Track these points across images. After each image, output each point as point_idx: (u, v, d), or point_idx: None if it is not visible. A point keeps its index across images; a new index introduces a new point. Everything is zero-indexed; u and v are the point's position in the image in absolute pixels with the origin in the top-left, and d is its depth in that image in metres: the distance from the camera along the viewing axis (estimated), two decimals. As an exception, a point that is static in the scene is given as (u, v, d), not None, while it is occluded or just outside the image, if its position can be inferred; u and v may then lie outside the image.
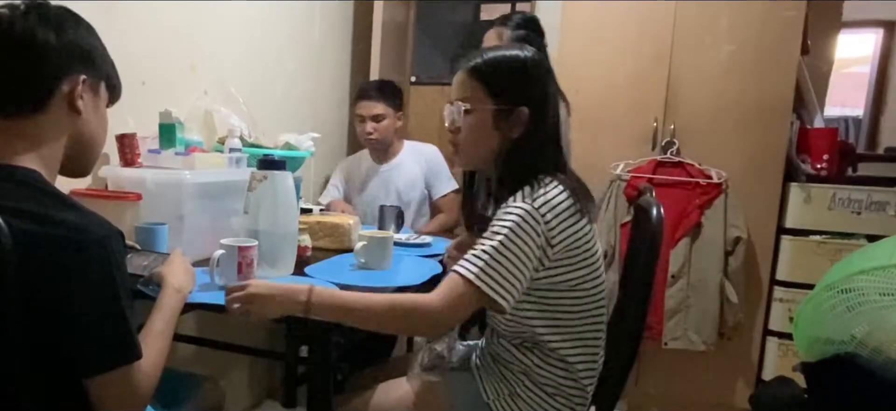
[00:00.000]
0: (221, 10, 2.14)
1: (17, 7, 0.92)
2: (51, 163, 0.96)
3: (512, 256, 1.08)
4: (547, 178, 1.16)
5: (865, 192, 2.30)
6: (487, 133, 1.20)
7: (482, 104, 1.20)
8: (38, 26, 0.91)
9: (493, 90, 1.19)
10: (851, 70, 4.68)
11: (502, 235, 1.09)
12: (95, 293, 0.85)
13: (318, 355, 1.22)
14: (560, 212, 1.12)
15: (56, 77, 0.93)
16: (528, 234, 1.09)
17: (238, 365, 2.42)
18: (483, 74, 1.20)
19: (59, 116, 0.95)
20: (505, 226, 1.10)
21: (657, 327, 2.45)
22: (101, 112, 1.02)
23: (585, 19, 2.57)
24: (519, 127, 1.19)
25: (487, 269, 1.07)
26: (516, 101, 1.18)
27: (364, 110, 2.47)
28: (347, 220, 1.83)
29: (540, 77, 1.21)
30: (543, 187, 1.14)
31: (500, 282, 1.08)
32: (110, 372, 0.87)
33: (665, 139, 2.49)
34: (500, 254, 1.08)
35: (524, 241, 1.09)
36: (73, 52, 0.94)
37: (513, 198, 1.14)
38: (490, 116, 1.19)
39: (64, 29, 0.93)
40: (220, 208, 1.61)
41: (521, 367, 1.24)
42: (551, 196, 1.13)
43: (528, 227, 1.09)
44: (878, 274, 1.43)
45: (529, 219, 1.10)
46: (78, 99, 0.95)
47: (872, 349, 1.42)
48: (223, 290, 1.27)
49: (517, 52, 1.22)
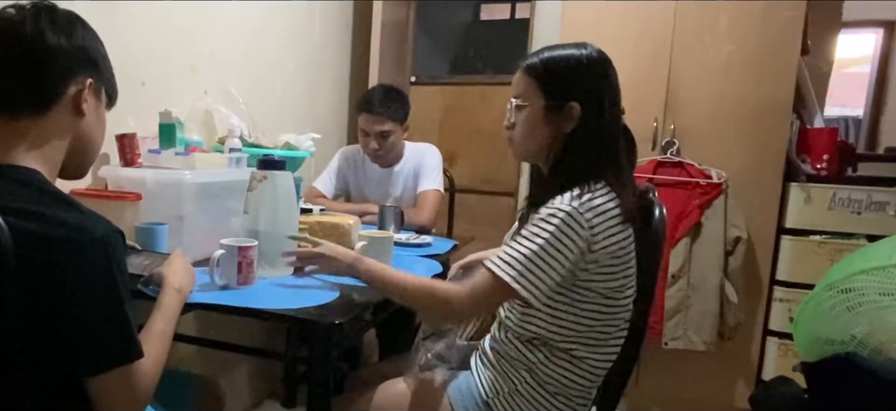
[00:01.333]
0: (221, 10, 2.14)
1: (26, 8, 0.92)
2: (52, 163, 0.96)
3: (550, 258, 1.10)
4: (599, 182, 1.16)
5: (865, 192, 2.30)
6: (539, 127, 1.22)
7: (534, 99, 1.22)
8: (48, 28, 0.92)
9: (544, 85, 1.21)
10: (851, 70, 4.68)
11: (544, 238, 1.10)
12: (96, 293, 0.85)
13: (318, 355, 1.22)
14: (606, 218, 1.12)
15: (64, 79, 0.94)
16: (570, 237, 1.10)
17: (238, 365, 2.41)
18: (536, 71, 1.22)
19: (64, 118, 0.95)
20: (548, 227, 1.10)
21: (657, 327, 2.45)
22: (101, 115, 1.03)
23: (585, 19, 2.57)
24: (570, 122, 1.19)
25: (525, 273, 1.10)
26: (567, 96, 1.19)
27: (368, 126, 2.32)
28: (347, 220, 1.83)
29: (596, 75, 1.21)
30: (591, 191, 1.14)
31: (535, 283, 1.10)
32: (111, 371, 0.87)
33: (665, 139, 2.50)
34: (539, 257, 1.10)
35: (564, 244, 1.10)
36: (81, 56, 0.95)
37: (560, 197, 1.13)
38: (541, 111, 1.21)
39: (73, 32, 0.95)
40: (220, 208, 1.61)
41: (526, 364, 1.24)
42: (598, 201, 1.13)
43: (571, 230, 1.10)
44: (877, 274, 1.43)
45: (573, 222, 1.10)
46: (83, 102, 0.96)
47: (872, 349, 1.42)
48: (223, 290, 1.28)
49: (573, 51, 1.22)
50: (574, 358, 1.22)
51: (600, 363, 1.24)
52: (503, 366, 1.26)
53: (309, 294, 1.33)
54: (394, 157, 2.45)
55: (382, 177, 2.47)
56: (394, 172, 2.46)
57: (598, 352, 1.23)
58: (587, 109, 1.18)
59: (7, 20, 0.91)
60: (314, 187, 2.49)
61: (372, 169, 2.48)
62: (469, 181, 3.27)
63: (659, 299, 2.43)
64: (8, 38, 0.91)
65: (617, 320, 1.22)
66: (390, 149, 2.38)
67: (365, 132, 2.35)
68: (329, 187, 2.50)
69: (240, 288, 1.30)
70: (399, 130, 2.38)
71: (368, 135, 2.34)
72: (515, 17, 3.95)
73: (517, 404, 1.23)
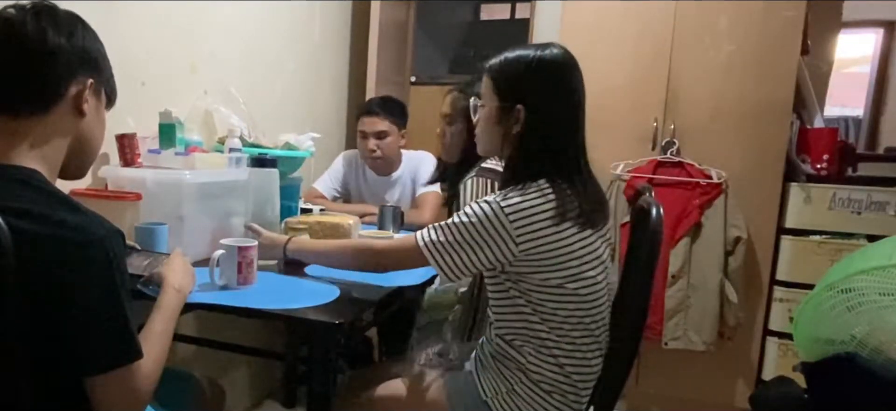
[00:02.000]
0: (221, 10, 2.14)
1: (26, 8, 0.92)
2: (52, 163, 0.96)
3: (465, 242, 1.18)
4: (539, 182, 1.18)
5: (865, 192, 2.30)
6: (492, 128, 1.28)
7: (490, 100, 1.27)
8: (49, 28, 0.91)
9: (497, 87, 1.26)
10: (851, 70, 4.68)
11: (462, 219, 1.19)
12: (95, 293, 0.85)
13: (318, 355, 1.22)
14: (531, 217, 1.15)
15: (65, 79, 0.94)
16: (487, 229, 1.16)
17: (238, 365, 2.41)
18: (493, 72, 1.27)
19: (65, 118, 0.95)
20: (468, 213, 1.19)
21: (657, 327, 2.45)
22: (101, 115, 1.03)
23: (585, 19, 2.57)
24: (517, 125, 1.22)
25: (437, 242, 1.20)
26: (515, 99, 1.22)
27: (367, 126, 2.39)
28: (347, 220, 1.83)
29: (543, 78, 1.22)
30: (523, 191, 1.17)
31: (444, 256, 1.19)
32: (111, 371, 0.87)
33: (665, 139, 2.49)
34: (452, 233, 1.19)
35: (482, 236, 1.17)
36: (82, 56, 0.95)
37: (495, 193, 1.21)
38: (494, 112, 1.26)
39: (74, 32, 0.94)
40: (220, 208, 1.61)
41: (517, 364, 1.24)
42: (527, 203, 1.16)
43: (488, 223, 1.16)
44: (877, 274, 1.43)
45: (492, 217, 1.16)
46: (84, 102, 0.96)
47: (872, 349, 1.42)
48: (223, 290, 1.28)
49: (527, 52, 1.24)
50: (556, 355, 1.22)
51: (573, 364, 1.24)
52: (500, 368, 1.27)
53: (309, 294, 1.34)
54: (391, 164, 2.47)
55: (381, 184, 2.49)
56: (391, 180, 2.49)
57: (568, 350, 1.23)
58: (530, 112, 1.21)
59: (8, 20, 0.91)
60: (314, 188, 2.50)
61: (371, 175, 2.51)
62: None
63: (659, 299, 2.43)
64: (9, 37, 0.91)
65: (575, 319, 1.22)
66: (387, 151, 2.40)
67: (363, 133, 2.40)
68: (329, 189, 2.52)
69: (240, 288, 1.30)
70: (396, 134, 2.41)
71: (366, 136, 2.39)
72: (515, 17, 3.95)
73: (515, 404, 1.23)
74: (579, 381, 1.25)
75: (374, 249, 1.36)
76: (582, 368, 1.25)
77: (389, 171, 2.49)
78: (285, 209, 1.86)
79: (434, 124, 1.99)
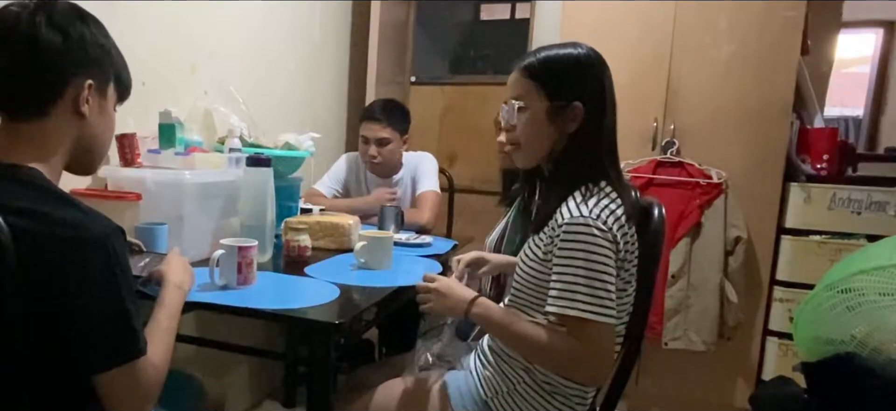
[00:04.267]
0: (221, 10, 2.14)
1: (26, 6, 0.90)
2: (54, 163, 0.95)
3: (599, 275, 1.08)
4: (601, 185, 1.16)
5: (865, 192, 2.30)
6: (543, 128, 1.20)
7: (536, 101, 1.20)
8: (43, 27, 0.89)
9: (546, 86, 1.19)
10: (851, 70, 4.68)
11: (580, 259, 1.08)
12: (98, 290, 0.85)
13: (318, 355, 1.22)
14: (618, 217, 1.12)
15: (60, 81, 0.92)
16: (599, 244, 1.08)
17: (238, 365, 2.41)
18: (536, 72, 1.21)
19: (64, 120, 0.94)
20: (577, 248, 1.08)
21: (657, 327, 2.45)
22: (107, 113, 1.01)
23: (585, 19, 2.57)
24: (574, 122, 1.18)
25: (600, 302, 1.07)
26: (570, 96, 1.18)
27: (369, 132, 2.38)
28: (347, 220, 1.83)
29: (595, 73, 1.21)
30: (598, 194, 1.14)
31: (607, 307, 1.08)
32: (118, 368, 0.87)
33: (665, 139, 2.49)
34: (599, 280, 1.08)
35: (600, 254, 1.08)
36: (80, 55, 0.93)
37: (566, 207, 1.12)
38: (544, 112, 1.19)
39: (70, 30, 0.92)
40: (220, 208, 1.61)
41: (523, 364, 1.24)
42: (609, 203, 1.12)
43: (598, 239, 1.08)
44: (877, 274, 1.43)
45: (596, 231, 1.08)
46: (83, 104, 0.94)
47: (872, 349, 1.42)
48: (223, 290, 1.28)
49: (570, 50, 1.22)
50: None
51: None
52: (501, 366, 1.26)
53: (309, 294, 1.34)
54: (392, 167, 2.48)
55: (381, 186, 2.49)
56: (392, 182, 2.49)
57: None
58: (591, 108, 1.18)
59: (4, 19, 0.90)
60: (314, 188, 2.50)
61: (371, 177, 2.51)
62: (469, 181, 3.27)
63: (659, 299, 2.43)
64: (3, 38, 0.90)
65: (620, 317, 1.21)
66: (388, 158, 2.40)
67: (365, 138, 2.40)
68: (329, 189, 2.52)
69: (240, 288, 1.30)
70: (398, 140, 2.41)
71: (368, 142, 2.39)
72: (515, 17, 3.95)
73: (516, 404, 1.23)
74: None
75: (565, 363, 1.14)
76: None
77: (390, 174, 2.49)
78: (285, 209, 1.86)
79: (434, 124, 1.99)
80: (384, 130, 2.36)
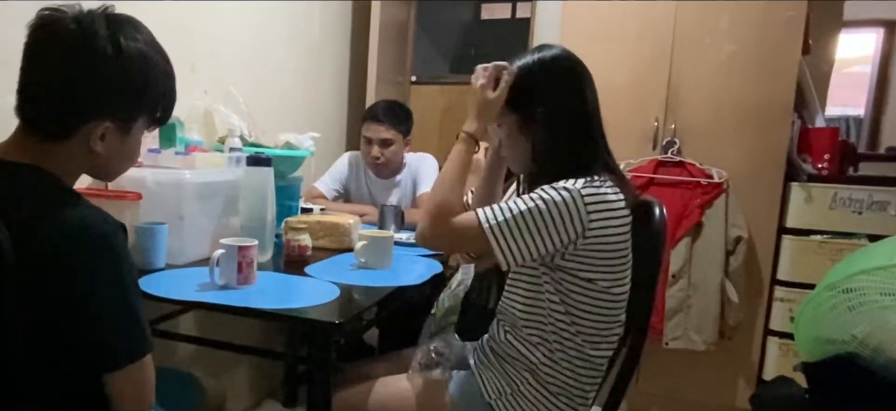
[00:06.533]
0: (221, 10, 2.14)
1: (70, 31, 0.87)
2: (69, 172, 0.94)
3: (534, 226, 1.12)
4: (602, 177, 1.18)
5: (866, 192, 2.30)
6: (519, 141, 1.27)
7: (506, 117, 1.26)
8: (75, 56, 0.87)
9: (511, 101, 1.25)
10: (852, 69, 4.68)
11: (534, 204, 1.13)
12: (105, 290, 0.85)
13: (318, 355, 1.22)
14: (609, 209, 1.14)
15: (76, 121, 0.90)
16: (563, 218, 1.12)
17: (238, 365, 2.41)
18: None
19: (79, 148, 0.91)
20: (546, 197, 1.13)
21: (658, 327, 2.45)
22: (127, 145, 0.97)
23: (585, 19, 2.56)
24: (540, 129, 1.22)
25: (502, 224, 1.13)
26: (532, 104, 1.22)
27: (372, 133, 2.38)
28: (347, 220, 1.83)
29: (553, 76, 1.24)
30: (600, 183, 1.16)
31: (508, 240, 1.13)
32: (130, 365, 0.87)
33: (666, 139, 2.49)
34: (524, 220, 1.12)
35: (556, 221, 1.12)
36: (102, 96, 0.89)
37: (572, 179, 1.15)
38: (516, 125, 1.26)
39: (100, 66, 0.88)
40: (221, 208, 1.61)
41: (527, 365, 1.24)
42: (606, 192, 1.15)
43: (567, 212, 1.12)
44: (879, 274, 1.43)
45: (573, 204, 1.12)
46: (96, 141, 0.91)
47: (873, 349, 1.42)
48: (223, 290, 1.27)
49: (528, 58, 1.25)
50: (571, 358, 1.22)
51: (599, 360, 1.24)
52: (505, 368, 1.26)
53: (309, 294, 1.33)
54: (394, 168, 2.48)
55: (383, 187, 2.49)
56: (393, 182, 2.49)
57: (597, 349, 1.23)
58: (553, 111, 1.21)
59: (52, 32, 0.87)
60: (314, 187, 2.50)
61: (372, 177, 2.50)
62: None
63: (659, 299, 2.43)
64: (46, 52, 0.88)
65: (615, 314, 1.23)
66: (391, 159, 2.40)
67: (367, 139, 2.40)
68: (329, 189, 2.52)
69: (240, 287, 1.30)
70: (401, 141, 2.41)
71: (371, 142, 2.39)
72: (516, 17, 3.95)
73: (520, 406, 1.23)
74: (588, 383, 1.25)
75: (444, 215, 1.20)
76: (593, 371, 1.25)
77: (391, 175, 2.49)
78: (285, 209, 1.86)
79: (434, 124, 1.99)
80: (388, 131, 2.36)
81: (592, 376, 1.25)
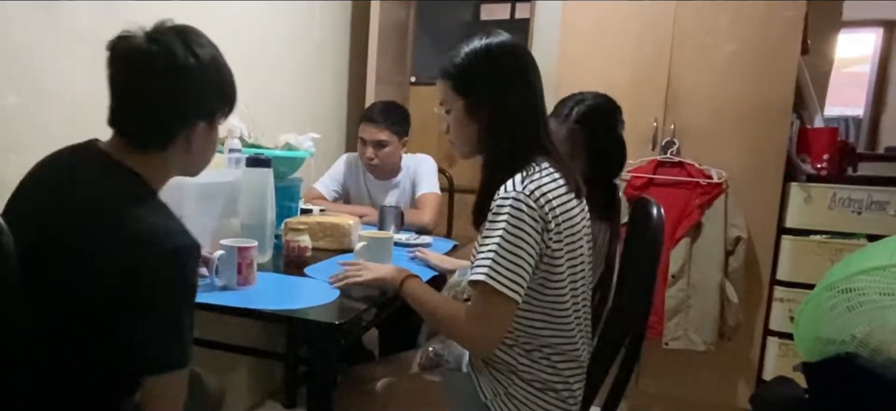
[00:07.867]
0: (221, 10, 2.14)
1: (153, 52, 0.97)
2: (156, 174, 1.02)
3: (513, 248, 1.11)
4: (541, 162, 1.19)
5: (866, 192, 2.30)
6: (465, 125, 1.26)
7: (453, 102, 1.27)
8: (166, 78, 0.96)
9: (457, 85, 1.26)
10: (851, 69, 4.68)
11: (500, 232, 1.11)
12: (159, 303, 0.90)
13: (318, 355, 1.22)
14: (555, 192, 1.15)
15: (178, 129, 0.99)
16: (523, 221, 1.11)
17: (238, 365, 2.41)
18: (449, 74, 1.27)
19: (176, 152, 1.01)
20: (501, 219, 1.12)
21: (657, 327, 2.45)
22: (212, 138, 1.08)
23: (585, 19, 2.56)
24: (486, 113, 1.23)
25: (502, 272, 1.10)
26: (477, 89, 1.23)
27: (367, 134, 2.37)
28: (347, 220, 1.83)
29: (497, 62, 1.24)
30: (536, 171, 1.16)
31: (513, 282, 1.10)
32: (167, 374, 0.93)
33: (665, 139, 2.49)
34: (504, 249, 1.10)
35: (522, 229, 1.11)
36: (194, 102, 1.00)
37: (504, 186, 1.15)
38: (462, 111, 1.26)
39: (187, 77, 0.98)
40: (220, 208, 1.61)
41: (508, 366, 1.24)
42: (544, 180, 1.15)
43: (522, 213, 1.11)
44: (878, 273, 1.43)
45: (521, 205, 1.11)
46: (192, 143, 1.01)
47: (873, 349, 1.42)
48: (223, 291, 1.28)
49: (475, 43, 1.25)
50: (544, 351, 1.22)
51: (575, 353, 1.24)
52: (491, 371, 1.27)
53: (309, 294, 1.34)
54: (391, 170, 2.47)
55: (381, 188, 2.49)
56: (391, 184, 2.49)
57: (572, 343, 1.23)
58: (497, 96, 1.22)
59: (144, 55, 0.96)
60: (314, 188, 2.50)
61: (371, 178, 2.50)
62: (469, 181, 3.25)
63: (659, 299, 2.43)
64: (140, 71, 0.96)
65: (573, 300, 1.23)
66: (386, 160, 2.40)
67: (363, 140, 2.40)
68: (329, 190, 2.52)
69: (240, 288, 1.30)
70: (396, 143, 2.40)
71: (366, 143, 2.38)
72: (515, 17, 3.96)
73: (514, 405, 1.23)
74: (570, 376, 1.25)
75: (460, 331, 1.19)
76: (573, 365, 1.25)
77: (389, 177, 2.49)
78: (285, 209, 1.86)
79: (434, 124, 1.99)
80: (382, 133, 2.35)
81: (574, 370, 1.25)
